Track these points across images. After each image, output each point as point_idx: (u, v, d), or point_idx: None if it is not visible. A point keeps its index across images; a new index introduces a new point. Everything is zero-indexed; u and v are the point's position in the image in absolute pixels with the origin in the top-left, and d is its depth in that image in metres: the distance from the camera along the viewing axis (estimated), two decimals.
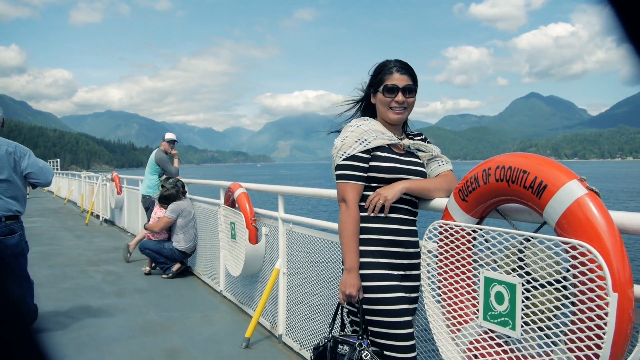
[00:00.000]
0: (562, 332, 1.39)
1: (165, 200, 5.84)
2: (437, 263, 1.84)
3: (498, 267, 1.60)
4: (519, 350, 1.53)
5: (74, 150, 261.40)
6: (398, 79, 1.93)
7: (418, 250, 1.96)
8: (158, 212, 5.95)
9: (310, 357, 2.03)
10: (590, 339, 1.29)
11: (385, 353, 1.86)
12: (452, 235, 1.76)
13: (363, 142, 1.92)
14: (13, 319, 0.45)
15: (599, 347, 1.27)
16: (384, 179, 1.93)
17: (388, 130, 1.99)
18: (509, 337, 1.56)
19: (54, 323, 4.02)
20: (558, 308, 1.42)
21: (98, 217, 11.61)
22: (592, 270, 1.28)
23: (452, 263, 1.77)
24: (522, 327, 1.49)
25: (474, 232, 1.71)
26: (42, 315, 4.10)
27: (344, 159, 1.93)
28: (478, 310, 1.65)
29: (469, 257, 1.73)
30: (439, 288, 1.83)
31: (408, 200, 1.96)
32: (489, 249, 1.65)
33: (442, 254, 1.81)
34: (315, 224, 3.26)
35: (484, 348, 1.64)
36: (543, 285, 1.44)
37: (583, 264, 1.30)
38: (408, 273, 1.94)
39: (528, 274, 1.49)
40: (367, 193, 1.94)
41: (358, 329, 1.91)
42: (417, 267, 1.95)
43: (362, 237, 1.92)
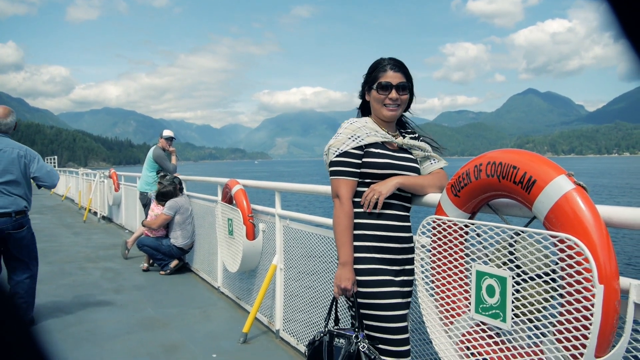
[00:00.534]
0: (551, 323, 1.43)
1: (163, 197, 5.86)
2: (430, 257, 1.87)
3: (489, 260, 1.63)
4: (510, 342, 1.57)
5: (71, 148, 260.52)
6: (392, 77, 1.96)
7: (412, 246, 1.99)
8: (155, 209, 5.97)
9: (305, 352, 2.06)
10: (578, 330, 1.33)
11: (380, 346, 1.90)
12: (444, 230, 1.80)
13: (356, 138, 1.95)
14: (12, 316, 0.45)
15: (586, 337, 1.30)
16: (378, 175, 1.96)
17: (382, 128, 2.02)
18: (500, 329, 1.60)
19: (53, 319, 4.04)
20: (547, 300, 1.45)
21: (96, 214, 11.61)
22: (579, 263, 1.31)
23: (445, 257, 1.81)
24: (512, 319, 1.53)
25: (466, 226, 1.75)
26: (40, 312, 4.13)
27: (337, 156, 1.96)
28: (470, 303, 1.69)
29: (462, 251, 1.76)
30: (433, 282, 1.87)
31: (401, 196, 1.99)
32: (481, 243, 1.69)
33: (435, 249, 1.84)
34: (312, 220, 3.29)
35: (476, 340, 1.67)
36: (532, 278, 1.48)
37: (570, 257, 1.34)
38: (402, 268, 1.97)
39: (518, 267, 1.52)
40: (360, 189, 1.97)
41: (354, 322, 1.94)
42: (411, 262, 1.98)
43: (356, 232, 1.94)
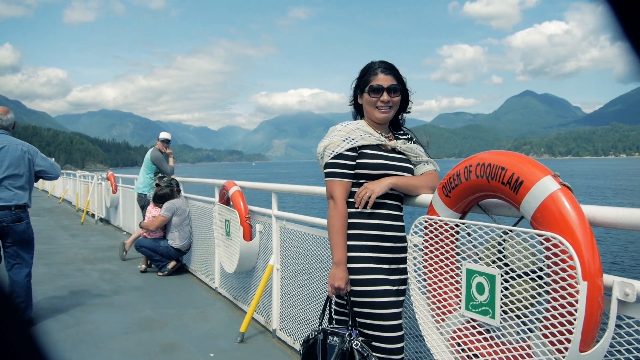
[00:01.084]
0: (538, 319, 1.47)
1: (160, 199, 5.89)
2: (422, 256, 1.92)
3: (479, 259, 1.68)
4: (499, 338, 1.61)
5: (68, 150, 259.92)
6: (383, 79, 2.01)
7: (405, 245, 2.03)
8: (153, 210, 5.99)
9: (300, 350, 2.10)
10: (563, 325, 1.37)
11: (374, 344, 1.94)
12: (436, 230, 1.84)
13: (351, 141, 2.00)
14: (11, 316, 0.45)
15: (571, 332, 1.35)
16: (371, 176, 2.00)
17: (375, 130, 2.07)
18: (490, 325, 1.65)
19: (51, 320, 4.07)
20: (534, 297, 1.50)
21: (93, 216, 11.62)
22: (563, 261, 1.36)
23: (436, 256, 1.85)
24: (501, 315, 1.57)
25: (457, 226, 1.79)
26: (39, 313, 4.15)
27: (332, 158, 2.00)
28: (461, 301, 1.73)
29: (453, 250, 1.81)
30: (425, 280, 1.91)
31: (394, 196, 2.03)
32: (471, 242, 1.73)
33: (427, 248, 1.88)
34: (308, 221, 3.32)
35: (467, 337, 1.72)
36: (520, 276, 1.53)
37: (556, 255, 1.38)
38: (395, 267, 2.02)
39: (507, 265, 1.57)
40: (355, 189, 2.02)
41: (347, 320, 1.98)
42: (404, 260, 2.03)
43: (350, 232, 1.99)
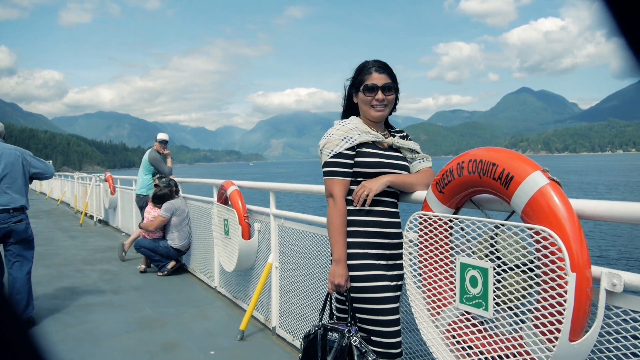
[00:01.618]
0: (529, 310, 1.52)
1: (159, 200, 5.92)
2: (417, 252, 1.96)
3: (472, 253, 1.72)
4: (492, 329, 1.66)
5: (66, 152, 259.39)
6: (377, 78, 2.04)
7: (401, 241, 2.08)
8: (151, 211, 6.02)
9: (301, 344, 2.14)
10: (553, 316, 1.42)
11: (373, 338, 1.98)
12: (430, 225, 1.89)
13: (349, 140, 2.03)
14: (11, 315, 0.46)
15: (560, 322, 1.39)
16: (370, 174, 2.04)
17: (371, 128, 2.11)
18: (483, 317, 1.69)
19: (52, 320, 4.10)
20: (526, 289, 1.54)
21: (92, 217, 11.64)
22: (553, 253, 1.40)
23: (431, 251, 1.89)
24: (494, 307, 1.62)
25: (451, 221, 1.84)
26: (39, 313, 4.18)
27: (331, 157, 2.04)
28: (455, 294, 1.78)
29: (447, 244, 1.85)
30: (420, 275, 1.95)
31: (391, 193, 2.08)
32: (465, 237, 1.78)
33: (422, 243, 1.93)
34: (306, 219, 3.36)
35: (461, 329, 1.76)
36: (512, 269, 1.57)
37: (545, 247, 1.43)
38: (393, 262, 2.06)
39: (499, 259, 1.61)
40: (353, 187, 2.06)
41: (346, 316, 2.02)
42: (401, 256, 2.07)
43: (349, 229, 2.03)
